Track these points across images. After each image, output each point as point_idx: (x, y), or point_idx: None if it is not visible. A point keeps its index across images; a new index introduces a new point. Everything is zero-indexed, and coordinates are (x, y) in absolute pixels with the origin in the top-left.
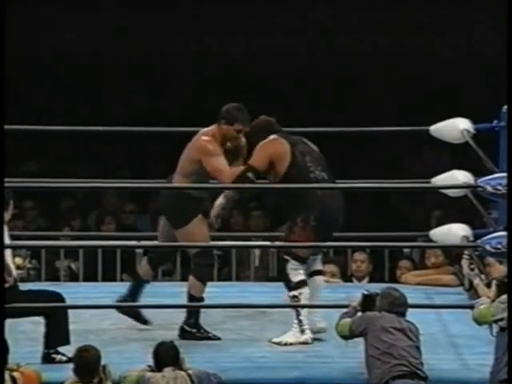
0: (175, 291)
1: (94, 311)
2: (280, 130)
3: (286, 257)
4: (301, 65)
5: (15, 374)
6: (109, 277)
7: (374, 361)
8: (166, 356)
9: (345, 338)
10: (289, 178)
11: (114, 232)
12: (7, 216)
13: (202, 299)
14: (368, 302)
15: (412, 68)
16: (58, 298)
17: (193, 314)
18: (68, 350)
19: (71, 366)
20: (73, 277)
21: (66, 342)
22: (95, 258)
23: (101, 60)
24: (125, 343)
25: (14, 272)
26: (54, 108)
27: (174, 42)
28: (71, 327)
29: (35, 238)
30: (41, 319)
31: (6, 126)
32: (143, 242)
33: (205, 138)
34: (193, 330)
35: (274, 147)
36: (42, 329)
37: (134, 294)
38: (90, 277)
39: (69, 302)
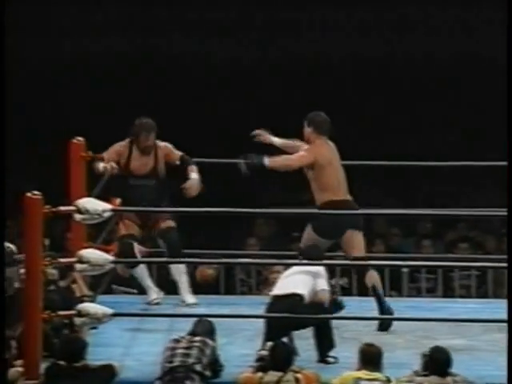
0: (437, 306)
1: (363, 323)
2: None
3: None
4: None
5: (298, 375)
6: None
7: None
8: (441, 361)
9: None
10: None
11: (382, 253)
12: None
13: None
14: None
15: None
16: (325, 310)
17: None
18: (344, 356)
19: (343, 365)
20: (345, 292)
21: (333, 346)
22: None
23: None
24: (391, 350)
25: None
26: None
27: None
28: (344, 335)
29: None
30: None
31: None
32: (408, 262)
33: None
34: None
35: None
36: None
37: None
38: (362, 292)
39: (343, 313)
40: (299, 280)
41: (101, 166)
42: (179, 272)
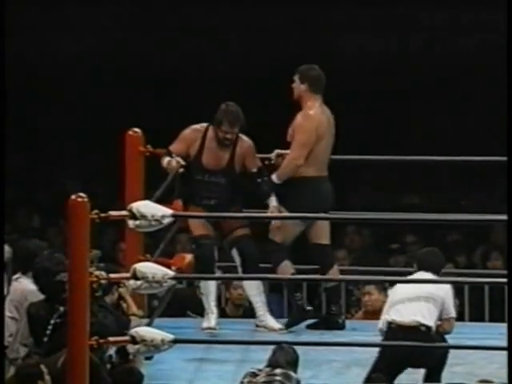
0: None
1: (480, 353)
2: None
3: None
4: None
5: None
6: (496, 317)
7: None
8: None
9: None
10: None
11: (500, 269)
12: None
13: None
14: None
15: None
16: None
17: None
18: None
19: None
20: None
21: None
22: (482, 296)
23: None
24: None
25: None
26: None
27: None
28: (455, 369)
29: None
30: None
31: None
32: None
33: None
34: None
35: None
36: None
37: None
38: (477, 316)
39: (453, 341)
40: (425, 304)
41: (165, 161)
42: (258, 291)
